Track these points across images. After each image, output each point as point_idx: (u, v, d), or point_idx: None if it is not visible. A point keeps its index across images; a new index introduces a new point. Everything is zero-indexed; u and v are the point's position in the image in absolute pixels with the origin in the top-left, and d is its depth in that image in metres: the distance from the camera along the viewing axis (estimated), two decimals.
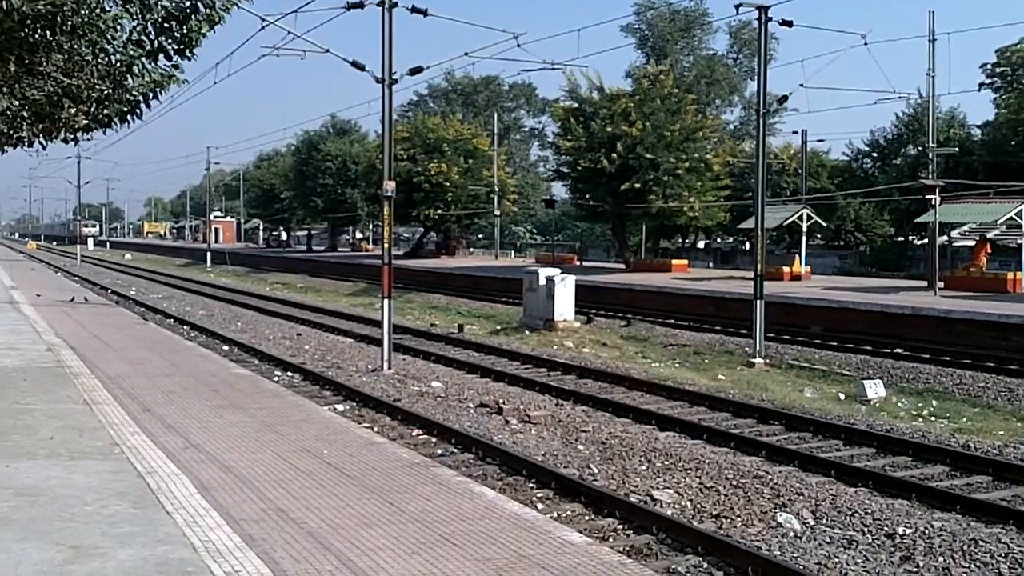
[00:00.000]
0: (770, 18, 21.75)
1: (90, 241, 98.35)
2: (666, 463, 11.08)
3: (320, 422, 11.05)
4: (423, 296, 39.62)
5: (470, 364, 19.45)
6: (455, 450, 11.88)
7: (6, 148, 13.79)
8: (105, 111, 11.72)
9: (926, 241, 35.34)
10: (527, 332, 24.89)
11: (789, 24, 22.10)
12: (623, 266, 44.95)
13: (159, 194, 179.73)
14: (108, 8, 9.99)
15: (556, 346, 22.90)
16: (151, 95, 11.44)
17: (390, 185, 18.48)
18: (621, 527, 8.91)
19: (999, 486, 10.78)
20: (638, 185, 39.56)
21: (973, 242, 34.17)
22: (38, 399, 11.69)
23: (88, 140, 16.06)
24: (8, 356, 15.64)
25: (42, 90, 11.31)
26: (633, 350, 23.39)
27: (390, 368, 18.11)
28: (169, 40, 10.35)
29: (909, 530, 8.66)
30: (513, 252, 70.04)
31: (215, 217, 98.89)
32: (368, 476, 8.42)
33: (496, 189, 55.48)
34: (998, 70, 49.71)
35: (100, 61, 10.56)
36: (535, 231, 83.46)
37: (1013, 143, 43.72)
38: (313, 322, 28.05)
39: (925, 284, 31.23)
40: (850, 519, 9.08)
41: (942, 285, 29.70)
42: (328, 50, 19.27)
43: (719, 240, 65.13)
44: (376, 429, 12.48)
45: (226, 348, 21.80)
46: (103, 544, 6.28)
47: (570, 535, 6.99)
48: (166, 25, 10.21)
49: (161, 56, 10.59)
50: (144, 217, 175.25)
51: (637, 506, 9.34)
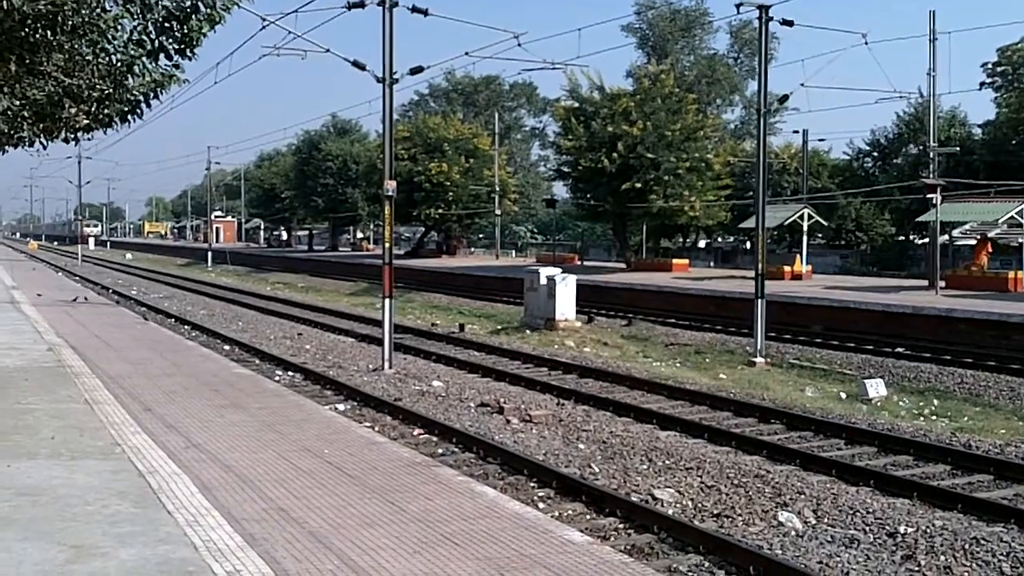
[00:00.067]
0: (771, 17, 21.76)
1: (91, 241, 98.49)
2: (667, 462, 11.07)
3: (321, 421, 11.05)
4: (424, 296, 39.62)
5: (471, 364, 19.45)
6: (456, 449, 11.88)
7: (7, 148, 13.80)
8: (106, 111, 11.73)
9: (927, 240, 35.32)
10: (528, 332, 24.89)
11: (790, 24, 22.13)
12: (624, 266, 44.94)
13: (160, 194, 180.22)
14: (109, 8, 10.00)
15: (557, 345, 22.90)
16: (152, 95, 11.46)
17: (391, 185, 18.49)
18: (622, 526, 8.91)
19: (1000, 485, 10.77)
20: (639, 185, 39.57)
21: (974, 241, 34.16)
22: (39, 399, 11.70)
23: (89, 140, 16.11)
24: (9, 356, 15.65)
25: (43, 90, 11.32)
26: (634, 349, 23.40)
27: (391, 368, 18.11)
28: (170, 40, 10.35)
29: (910, 529, 8.66)
30: (514, 252, 70.03)
31: (216, 217, 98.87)
32: (369, 475, 8.42)
33: (497, 189, 55.48)
34: (999, 69, 49.67)
35: (101, 61, 10.56)
36: (536, 231, 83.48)
37: (1014, 142, 43.67)
38: (314, 322, 28.06)
39: (926, 283, 31.21)
40: (851, 518, 9.07)
41: (943, 284, 29.69)
42: (329, 50, 19.29)
43: (720, 240, 65.13)
44: (377, 429, 12.47)
45: (227, 348, 21.80)
46: (104, 544, 6.28)
47: (571, 534, 6.99)
48: (167, 25, 10.22)
49: (162, 56, 10.60)
50: (145, 217, 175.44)
51: (638, 505, 9.33)
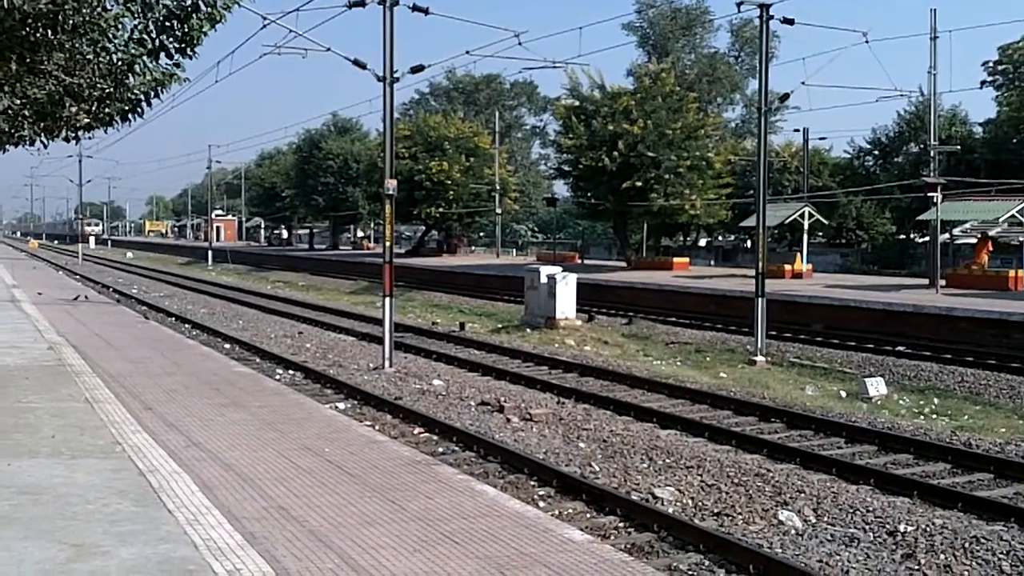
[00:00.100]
0: (771, 16, 21.76)
1: (91, 240, 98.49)
2: (667, 461, 11.08)
3: (321, 420, 11.05)
4: (424, 294, 39.62)
5: (471, 362, 19.46)
6: (456, 448, 11.89)
7: (8, 147, 13.82)
8: (106, 110, 11.75)
9: (928, 239, 35.33)
10: (528, 330, 24.90)
11: (790, 22, 22.15)
12: (624, 264, 44.95)
13: (160, 193, 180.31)
14: (109, 7, 10.01)
15: (557, 344, 22.91)
16: (152, 94, 11.47)
17: (391, 183, 18.49)
18: (622, 525, 8.91)
19: (1000, 484, 10.78)
20: (639, 183, 39.58)
21: (975, 240, 34.17)
22: (40, 397, 11.70)
23: (89, 139, 16.12)
24: (10, 355, 15.65)
25: (43, 89, 11.33)
26: (634, 348, 23.40)
27: (391, 366, 18.12)
28: (170, 39, 10.36)
29: (910, 528, 8.66)
30: (514, 250, 70.01)
31: (216, 216, 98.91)
32: (369, 474, 8.42)
33: (497, 187, 55.47)
34: (1000, 68, 49.69)
35: (101, 60, 10.58)
36: (536, 229, 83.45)
37: (1015, 141, 43.68)
38: (314, 320, 28.07)
39: (927, 282, 31.21)
40: (851, 517, 9.08)
41: (944, 283, 29.69)
42: (329, 49, 19.29)
43: (720, 238, 65.12)
44: (377, 427, 12.48)
45: (227, 346, 21.80)
46: (105, 542, 6.28)
47: (571, 533, 6.99)
48: (167, 24, 10.22)
49: (162, 55, 10.61)
50: (145, 216, 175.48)
51: (638, 504, 9.34)
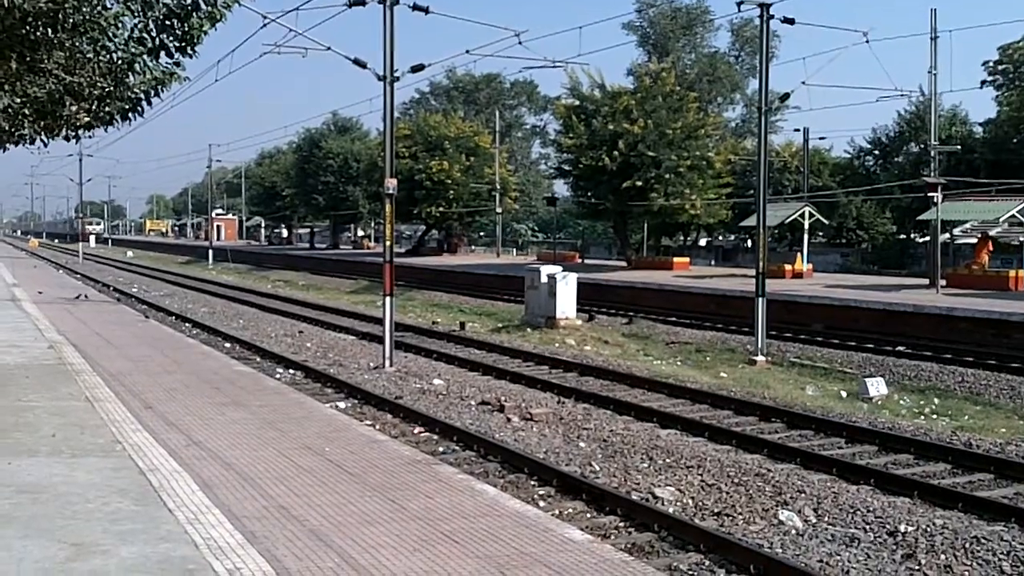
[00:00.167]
0: (772, 16, 21.75)
1: (92, 239, 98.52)
2: (668, 461, 11.07)
3: (322, 419, 11.05)
4: (425, 294, 39.62)
5: (472, 362, 19.45)
6: (457, 448, 11.88)
7: (8, 146, 13.80)
8: (107, 108, 11.74)
9: (928, 239, 35.33)
10: (529, 330, 24.89)
11: (791, 22, 22.14)
12: (625, 264, 44.95)
13: (161, 192, 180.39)
14: (109, 5, 10.00)
15: (558, 344, 22.91)
16: (152, 93, 11.46)
17: (392, 183, 18.49)
18: (623, 525, 8.91)
19: (1001, 484, 10.77)
20: (640, 183, 39.57)
21: (975, 240, 34.15)
22: (40, 396, 11.70)
23: (90, 138, 16.10)
24: (10, 353, 15.65)
25: (43, 87, 11.32)
26: (635, 348, 23.40)
27: (392, 366, 18.11)
28: (170, 37, 10.35)
29: (911, 528, 8.65)
30: (515, 250, 69.98)
31: (217, 215, 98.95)
32: (370, 474, 8.42)
33: (498, 187, 55.46)
34: (1000, 67, 49.66)
35: (101, 58, 10.57)
36: (537, 229, 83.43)
37: (1015, 141, 43.66)
38: (315, 320, 28.07)
39: (927, 282, 31.21)
40: (852, 517, 9.08)
41: (944, 283, 29.69)
42: (330, 48, 19.27)
43: (721, 238, 65.13)
44: (378, 427, 12.48)
45: (228, 345, 21.80)
46: (105, 541, 6.28)
47: (572, 533, 6.99)
48: (167, 22, 10.21)
49: (162, 53, 10.60)
50: (146, 215, 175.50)
51: (639, 504, 9.34)
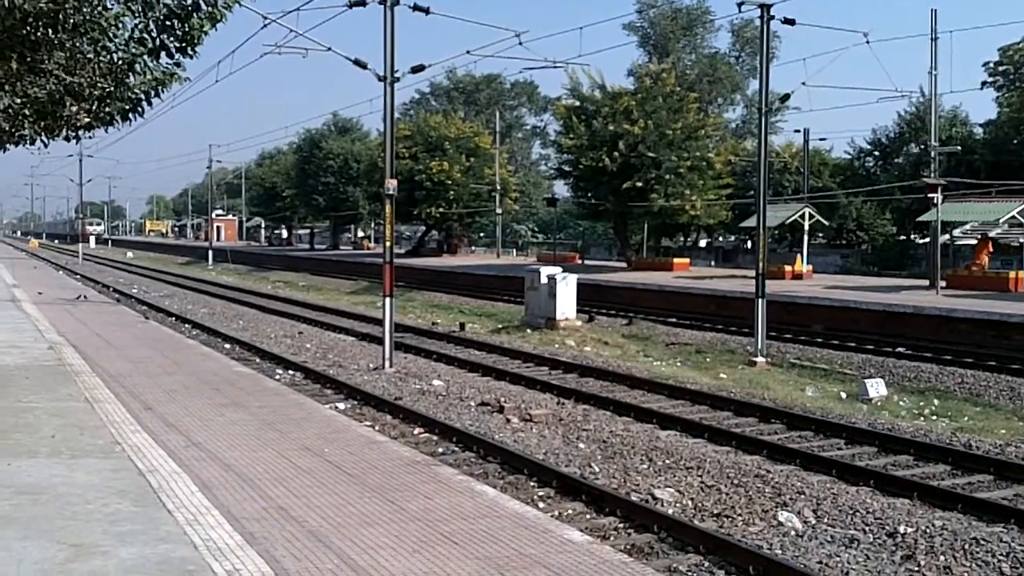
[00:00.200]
0: (772, 16, 21.75)
1: (92, 239, 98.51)
2: (667, 462, 11.07)
3: (321, 420, 11.05)
4: (424, 294, 39.62)
5: (471, 363, 19.45)
6: (456, 449, 11.88)
7: (8, 146, 13.81)
8: (107, 109, 11.74)
9: (928, 240, 35.30)
10: (529, 331, 24.89)
11: (791, 22, 22.14)
12: (625, 265, 44.94)
13: (161, 192, 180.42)
14: (110, 6, 10.00)
15: (558, 345, 22.90)
16: (153, 93, 11.46)
17: (392, 183, 18.49)
18: (622, 526, 8.91)
19: (1000, 485, 10.77)
20: (640, 184, 39.57)
21: (975, 241, 34.14)
22: (40, 397, 11.70)
23: (90, 138, 16.12)
24: (10, 354, 15.65)
25: (44, 88, 11.33)
26: (635, 349, 23.39)
27: (391, 366, 18.11)
28: (171, 38, 10.35)
29: (910, 529, 8.65)
30: (515, 250, 69.99)
31: (217, 215, 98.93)
32: (369, 474, 8.42)
33: (498, 187, 55.47)
34: (1000, 68, 49.63)
35: (102, 59, 10.57)
36: (537, 229, 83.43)
37: (1015, 142, 43.68)
38: (315, 320, 28.07)
39: (927, 283, 31.20)
40: (851, 518, 9.07)
41: (944, 284, 29.69)
42: (330, 48, 19.28)
43: (721, 239, 65.13)
44: (377, 427, 12.48)
45: (227, 346, 21.80)
46: (104, 542, 6.28)
47: (571, 534, 6.98)
48: (168, 23, 10.21)
49: (163, 54, 10.60)
50: (146, 215, 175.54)
51: (638, 505, 9.34)
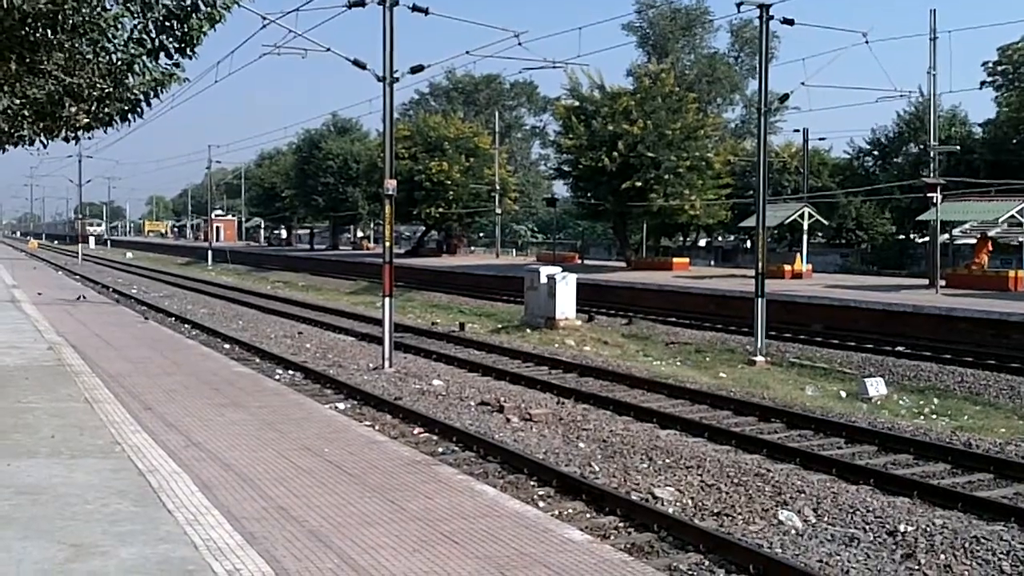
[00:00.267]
0: (771, 16, 21.75)
1: (91, 240, 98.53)
2: (667, 461, 11.07)
3: (321, 420, 11.05)
4: (424, 294, 39.62)
5: (471, 362, 19.45)
6: (456, 448, 11.88)
7: (7, 147, 13.80)
8: (106, 110, 11.73)
9: (927, 239, 35.33)
10: (528, 330, 24.89)
11: (790, 22, 22.14)
12: (624, 264, 44.96)
13: (160, 193, 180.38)
14: (109, 7, 9.99)
15: (557, 344, 22.90)
16: (152, 94, 11.45)
17: (391, 184, 18.49)
18: (622, 525, 8.91)
19: (1000, 484, 10.77)
20: (639, 183, 39.58)
21: (974, 240, 34.16)
22: (39, 397, 11.70)
23: (89, 139, 16.10)
24: (9, 355, 15.65)
25: (43, 89, 11.32)
26: (634, 348, 23.39)
27: (391, 366, 18.11)
28: (170, 39, 10.35)
29: (911, 528, 8.65)
30: (514, 250, 70.03)
31: (216, 216, 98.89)
32: (369, 474, 8.42)
33: (497, 187, 55.47)
34: (999, 68, 49.66)
35: (101, 60, 10.56)
36: (536, 229, 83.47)
37: (1015, 141, 43.69)
38: (314, 320, 28.07)
39: (926, 282, 31.21)
40: (851, 517, 9.08)
41: (943, 283, 29.69)
42: (329, 49, 19.28)
43: (720, 238, 65.14)
44: (377, 427, 12.48)
45: (227, 346, 21.79)
46: (104, 542, 6.28)
47: (571, 533, 6.98)
48: (167, 24, 10.21)
49: (162, 55, 10.60)
50: (145, 216, 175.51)
51: (638, 504, 9.34)
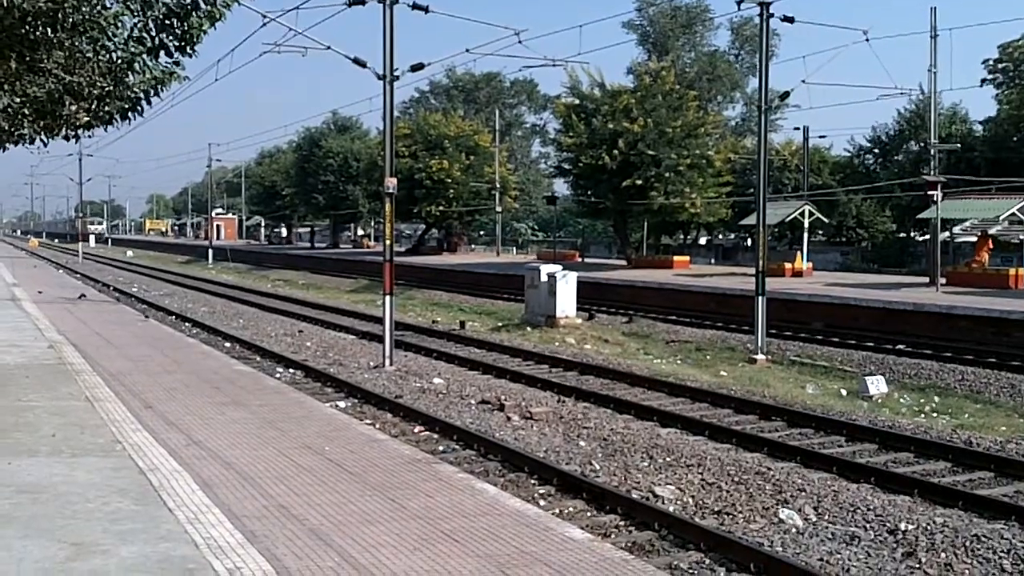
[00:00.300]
0: (772, 14, 21.75)
1: (92, 238, 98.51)
2: (668, 459, 11.07)
3: (322, 419, 11.05)
4: (425, 293, 39.62)
5: (472, 361, 19.45)
6: (457, 447, 11.88)
7: (7, 145, 13.78)
8: (106, 108, 11.71)
9: (928, 237, 35.33)
10: (529, 329, 24.89)
11: (791, 20, 22.13)
12: (625, 263, 44.95)
13: (161, 191, 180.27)
14: (109, 5, 9.98)
15: (558, 343, 22.90)
16: (152, 92, 11.44)
17: (392, 182, 18.48)
18: (623, 523, 8.91)
19: (1001, 482, 10.78)
20: (639, 182, 39.58)
21: (975, 238, 34.18)
22: (40, 396, 11.70)
23: (89, 137, 16.08)
24: (10, 353, 15.65)
25: (43, 87, 11.31)
26: (635, 347, 23.40)
27: (392, 365, 18.11)
28: (170, 37, 10.34)
29: (911, 526, 8.66)
30: (515, 249, 69.98)
31: (217, 214, 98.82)
32: (370, 473, 8.42)
33: (498, 186, 55.45)
34: (1000, 66, 49.68)
35: (101, 58, 10.55)
36: (537, 228, 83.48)
37: (1015, 139, 43.70)
38: (315, 319, 28.07)
39: (927, 280, 31.22)
40: (852, 515, 9.07)
41: (944, 281, 29.69)
42: (329, 47, 19.26)
43: (721, 236, 65.14)
44: (378, 426, 12.48)
45: (228, 345, 21.80)
46: (105, 541, 6.28)
47: (572, 531, 6.98)
48: (167, 22, 10.20)
49: (162, 53, 10.58)
50: (146, 214, 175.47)
51: (639, 502, 9.34)
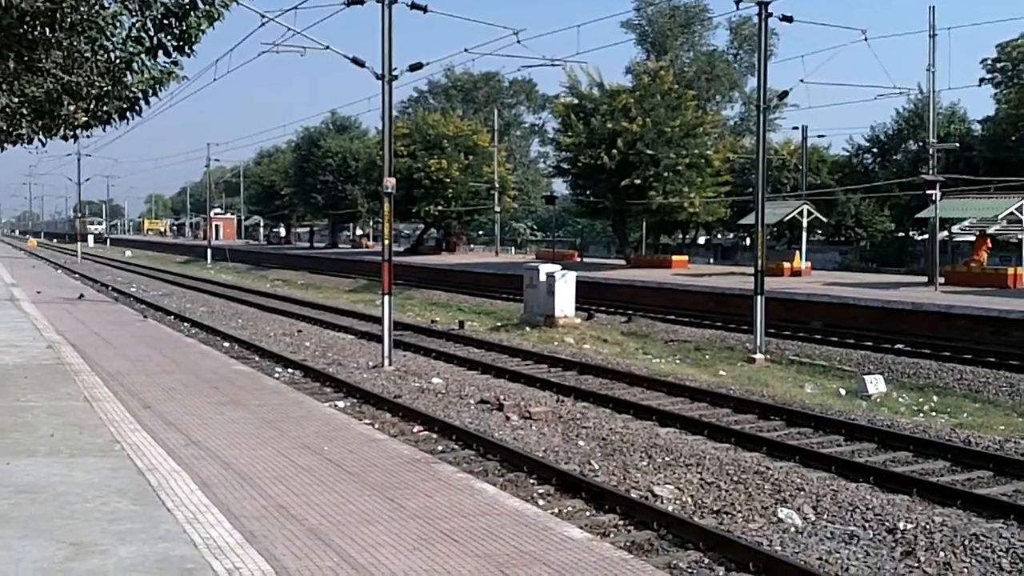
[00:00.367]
0: (770, 14, 21.74)
1: (90, 238, 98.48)
2: (667, 459, 11.08)
3: (321, 419, 11.05)
4: (423, 292, 39.62)
5: (471, 360, 19.45)
6: (456, 447, 11.88)
7: (6, 145, 13.77)
8: (105, 108, 11.70)
9: (926, 237, 35.35)
10: (528, 328, 24.89)
11: (789, 20, 22.13)
12: (624, 262, 44.95)
13: (159, 191, 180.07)
14: (107, 5, 9.97)
15: (557, 342, 22.90)
16: (151, 92, 11.42)
17: (390, 182, 18.48)
18: (622, 523, 8.91)
19: (1000, 481, 10.78)
20: (638, 181, 39.59)
21: (973, 237, 34.20)
22: (39, 396, 11.70)
23: (88, 137, 16.07)
24: (8, 353, 15.64)
25: (41, 87, 11.29)
26: (634, 346, 23.40)
27: (391, 364, 18.11)
28: (168, 37, 10.33)
29: (910, 525, 8.66)
30: (513, 248, 70.00)
31: (215, 214, 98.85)
32: (369, 473, 8.42)
33: (496, 185, 55.46)
34: (998, 65, 49.70)
35: (99, 58, 10.54)
36: (535, 227, 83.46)
37: (1014, 138, 43.71)
38: (314, 319, 28.06)
39: (926, 279, 31.24)
40: (851, 514, 9.08)
41: (943, 280, 29.71)
42: (328, 47, 19.26)
43: (719, 236, 65.17)
44: (377, 426, 12.48)
45: (226, 345, 21.79)
46: (103, 541, 6.28)
47: (571, 531, 6.99)
48: (165, 22, 10.19)
49: (160, 53, 10.56)
50: (144, 214, 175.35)
51: (638, 502, 9.34)
